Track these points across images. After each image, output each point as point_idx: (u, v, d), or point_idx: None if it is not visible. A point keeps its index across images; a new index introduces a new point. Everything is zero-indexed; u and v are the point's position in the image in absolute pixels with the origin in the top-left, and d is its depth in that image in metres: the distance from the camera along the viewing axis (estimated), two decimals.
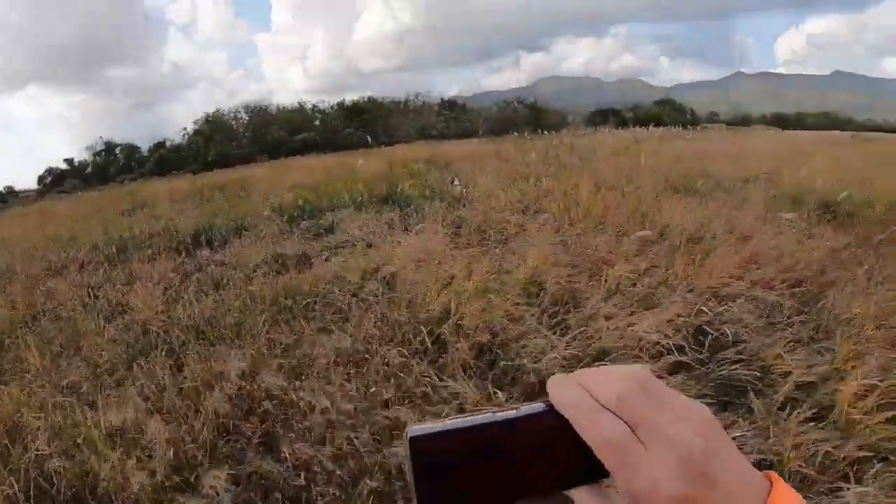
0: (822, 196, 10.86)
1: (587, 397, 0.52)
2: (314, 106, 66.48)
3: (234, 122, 63.40)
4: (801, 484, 3.28)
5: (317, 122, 62.60)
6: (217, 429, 4.18)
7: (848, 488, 3.21)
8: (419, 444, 0.51)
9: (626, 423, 0.50)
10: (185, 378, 4.90)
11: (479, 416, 0.53)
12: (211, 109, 63.97)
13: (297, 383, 4.51)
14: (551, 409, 0.53)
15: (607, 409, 0.51)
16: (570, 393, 0.53)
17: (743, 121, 75.46)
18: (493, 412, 0.53)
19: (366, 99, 65.29)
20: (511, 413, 0.53)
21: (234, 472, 3.78)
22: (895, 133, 60.69)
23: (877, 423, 3.73)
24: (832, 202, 10.36)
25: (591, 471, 0.52)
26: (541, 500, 0.54)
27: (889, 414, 3.78)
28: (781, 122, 74.17)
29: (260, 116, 63.22)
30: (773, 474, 0.51)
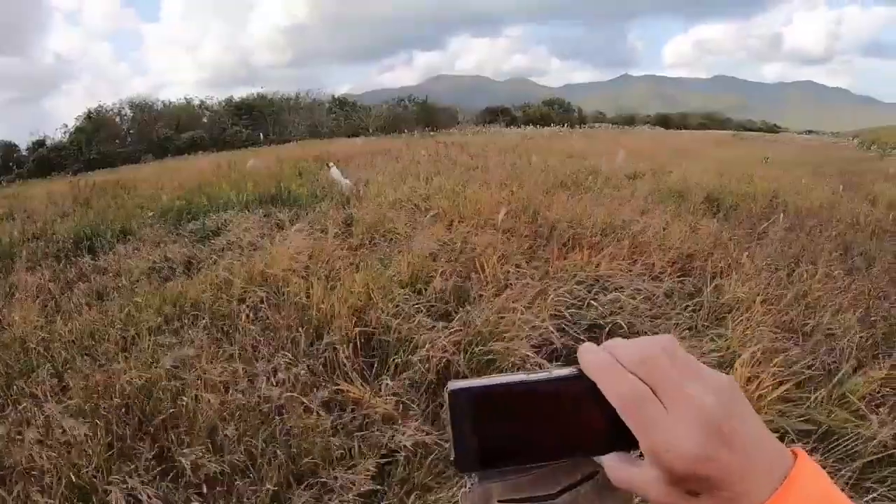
0: (707, 190, 11.32)
1: (612, 360, 0.54)
2: (202, 102, 64.62)
3: (118, 119, 61.01)
4: None
5: (205, 120, 61.05)
6: (110, 447, 3.99)
7: None
8: (458, 398, 0.55)
9: (647, 384, 0.52)
10: (71, 399, 4.65)
11: (514, 376, 0.56)
12: (94, 104, 60.83)
13: (185, 398, 4.37)
14: (580, 374, 0.55)
15: (630, 371, 0.53)
16: (596, 357, 0.55)
17: (628, 120, 77.54)
18: (527, 373, 0.56)
19: (255, 95, 63.97)
20: (543, 374, 0.56)
21: (132, 493, 3.64)
22: (771, 133, 64.03)
23: (770, 401, 3.96)
24: (716, 196, 10.82)
25: (620, 438, 0.54)
26: (571, 464, 0.58)
27: (780, 392, 4.02)
28: (665, 121, 76.66)
29: (145, 113, 61.04)
30: (799, 449, 0.52)
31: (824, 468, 0.53)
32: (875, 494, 3.31)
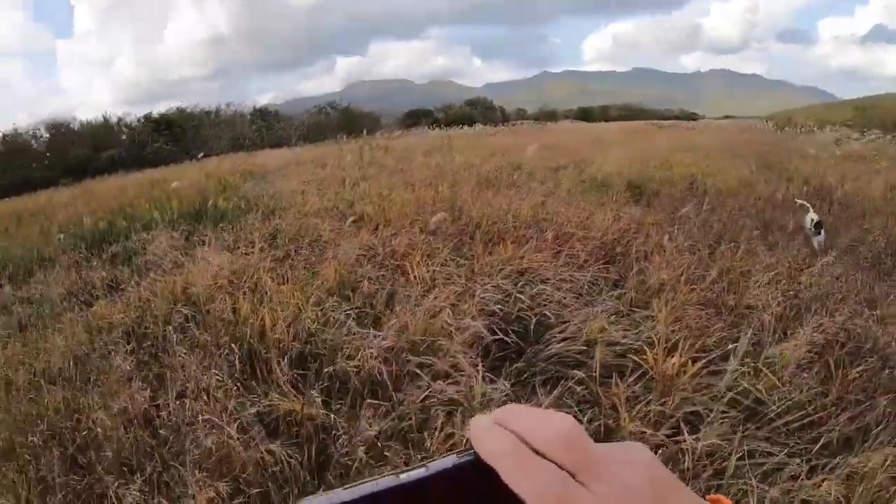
0: (629, 179, 11.54)
1: (517, 442, 0.44)
2: (120, 119, 62.45)
3: (33, 142, 59.10)
4: (641, 438, 3.46)
5: (124, 138, 59.45)
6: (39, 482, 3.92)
7: (684, 440, 3.49)
8: None
9: (564, 468, 0.43)
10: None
11: (382, 480, 0.43)
12: (7, 127, 58.17)
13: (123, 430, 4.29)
14: (474, 461, 0.45)
15: (542, 454, 0.43)
16: (497, 439, 0.45)
17: (550, 116, 78.15)
18: (398, 473, 0.44)
19: (175, 110, 62.42)
20: (419, 472, 0.44)
21: None
22: (689, 121, 65.68)
23: (690, 377, 4.10)
24: (637, 183, 11.03)
25: None
26: None
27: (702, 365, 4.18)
28: (586, 115, 77.69)
29: (62, 134, 59.18)
30: (721, 498, 0.49)
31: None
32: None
